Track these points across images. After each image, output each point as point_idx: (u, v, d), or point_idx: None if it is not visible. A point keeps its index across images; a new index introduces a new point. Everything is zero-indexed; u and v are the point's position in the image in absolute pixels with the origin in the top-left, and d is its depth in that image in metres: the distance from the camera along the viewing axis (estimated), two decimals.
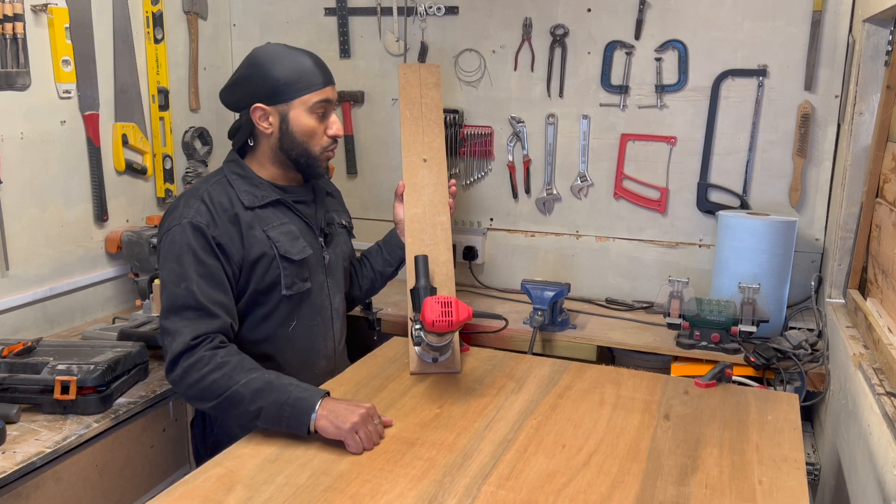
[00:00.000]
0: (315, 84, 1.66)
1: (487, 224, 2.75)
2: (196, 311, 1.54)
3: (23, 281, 2.12)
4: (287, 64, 1.65)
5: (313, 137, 1.69)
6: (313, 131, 1.68)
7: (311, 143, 1.69)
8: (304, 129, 1.67)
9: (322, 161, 1.73)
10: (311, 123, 1.67)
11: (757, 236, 2.15)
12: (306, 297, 1.74)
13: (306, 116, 1.66)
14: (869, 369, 1.56)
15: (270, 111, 1.66)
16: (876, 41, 1.95)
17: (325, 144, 1.71)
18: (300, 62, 1.65)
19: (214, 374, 1.48)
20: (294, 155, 1.70)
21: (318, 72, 1.67)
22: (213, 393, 1.48)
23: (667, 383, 1.71)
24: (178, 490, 1.24)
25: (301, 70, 1.65)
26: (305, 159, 1.71)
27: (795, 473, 1.31)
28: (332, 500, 1.21)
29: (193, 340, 1.51)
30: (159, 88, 2.54)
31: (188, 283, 1.54)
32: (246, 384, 1.47)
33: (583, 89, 2.54)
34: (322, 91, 1.67)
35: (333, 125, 1.71)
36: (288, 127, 1.67)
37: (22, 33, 2.02)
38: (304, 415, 1.42)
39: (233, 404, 1.47)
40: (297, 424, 1.42)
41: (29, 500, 1.51)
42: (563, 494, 1.23)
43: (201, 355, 1.50)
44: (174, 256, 1.58)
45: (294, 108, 1.65)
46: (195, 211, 1.60)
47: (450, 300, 1.55)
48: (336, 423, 1.40)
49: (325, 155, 1.72)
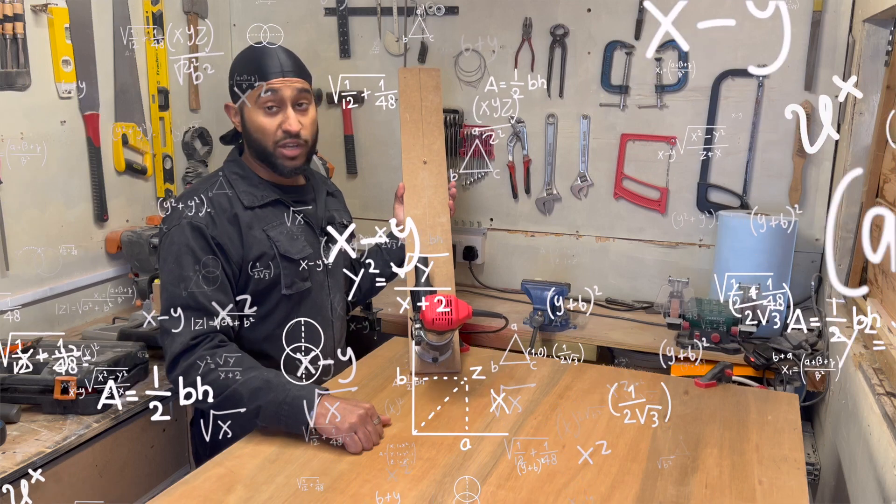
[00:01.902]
0: (262, 77, 1.63)
1: (487, 224, 2.75)
2: (195, 311, 1.54)
3: (23, 281, 2.12)
4: (246, 60, 1.66)
5: (264, 133, 1.66)
6: (262, 126, 1.65)
7: (264, 139, 1.66)
8: (255, 125, 1.66)
9: (279, 157, 1.67)
10: (258, 119, 1.65)
11: (757, 236, 2.15)
12: (306, 297, 1.74)
13: (254, 112, 1.65)
14: (869, 369, 1.56)
15: (234, 108, 1.70)
16: (876, 41, 1.95)
17: (277, 139, 1.66)
18: (254, 58, 1.65)
19: (213, 373, 1.48)
20: (254, 151, 1.70)
21: (270, 64, 1.64)
22: (214, 391, 1.48)
23: (667, 383, 1.71)
24: (178, 490, 1.24)
25: (252, 67, 1.64)
26: (264, 156, 1.69)
27: (795, 473, 1.31)
28: (332, 500, 1.21)
29: (193, 340, 1.51)
30: (159, 88, 2.54)
31: (187, 284, 1.55)
32: (244, 383, 1.47)
33: (583, 89, 2.54)
34: (269, 83, 1.62)
35: (287, 120, 1.65)
36: (245, 124, 1.69)
37: (22, 33, 2.02)
38: (302, 414, 1.42)
39: (232, 403, 1.47)
40: (295, 423, 1.42)
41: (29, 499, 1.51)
42: (563, 494, 1.23)
43: (200, 355, 1.50)
44: (173, 257, 1.58)
45: (246, 103, 1.66)
46: (195, 211, 1.61)
47: (450, 299, 1.55)
48: (335, 423, 1.40)
49: (279, 151, 1.67)
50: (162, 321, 1.56)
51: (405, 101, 2.10)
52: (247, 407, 1.45)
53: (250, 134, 1.68)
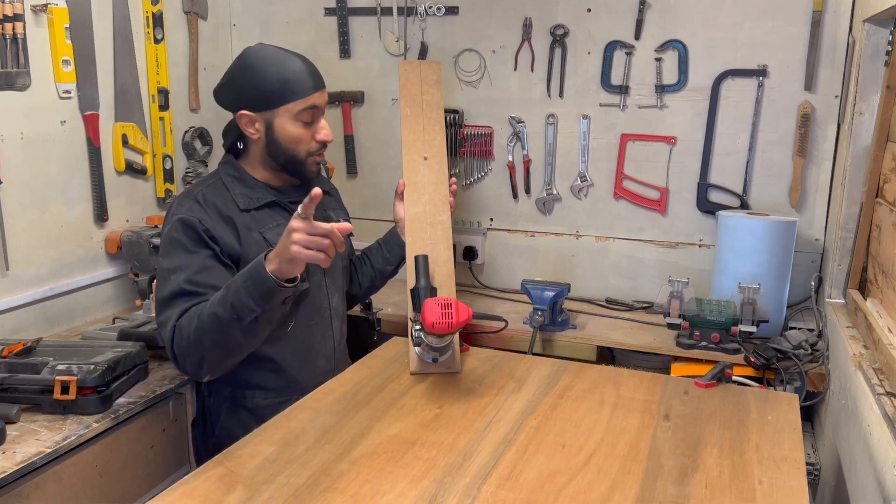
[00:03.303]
0: (300, 92, 1.63)
1: (487, 224, 2.75)
2: (182, 297, 1.56)
3: (23, 281, 2.12)
4: (273, 71, 1.63)
5: (299, 143, 1.68)
6: (299, 138, 1.67)
7: (298, 149, 1.68)
8: (289, 136, 1.66)
9: (309, 165, 1.72)
10: (296, 131, 1.66)
11: (757, 236, 2.15)
12: (304, 297, 1.74)
13: (291, 124, 1.65)
14: (869, 369, 1.56)
15: (256, 118, 1.66)
16: (876, 41, 1.95)
17: (312, 149, 1.70)
18: (287, 69, 1.63)
19: (191, 324, 1.51)
20: (281, 160, 1.70)
21: (305, 79, 1.64)
22: (202, 339, 1.51)
23: (667, 383, 1.71)
24: (178, 490, 1.24)
25: (287, 78, 1.62)
26: (293, 164, 1.70)
27: (795, 473, 1.31)
28: (332, 500, 1.21)
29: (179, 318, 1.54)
30: (159, 88, 2.54)
31: (176, 275, 1.57)
32: (211, 305, 1.50)
33: (583, 89, 2.54)
34: (307, 99, 1.65)
35: (322, 131, 1.69)
36: (273, 134, 1.66)
37: (22, 33, 2.02)
38: (262, 272, 1.44)
39: (217, 328, 1.49)
40: (264, 287, 1.45)
41: (29, 500, 1.51)
42: (563, 494, 1.23)
43: (179, 325, 1.53)
44: (164, 252, 1.62)
45: (279, 115, 1.64)
46: (187, 209, 1.62)
47: (450, 302, 1.55)
48: (284, 257, 1.42)
49: (311, 159, 1.71)
50: (157, 316, 1.59)
51: (405, 95, 2.08)
52: (225, 316, 1.47)
53: (280, 144, 1.66)
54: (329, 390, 1.63)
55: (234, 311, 1.47)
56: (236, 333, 1.50)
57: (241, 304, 1.47)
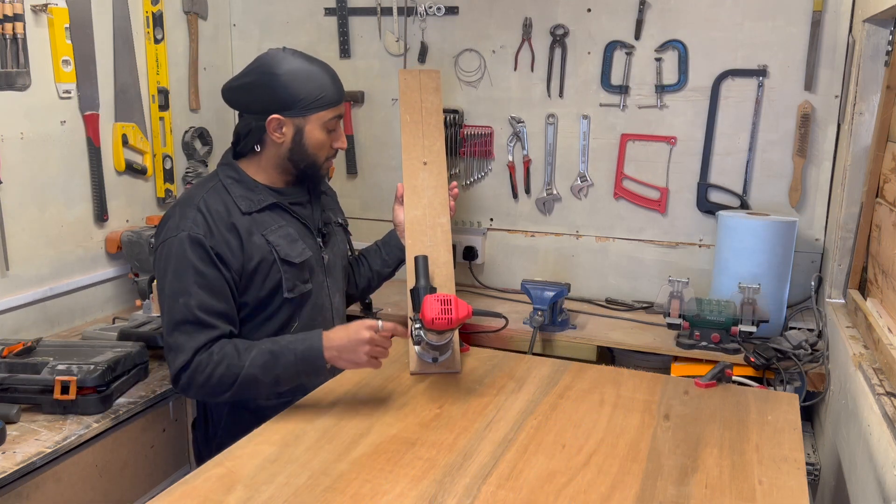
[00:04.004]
0: (333, 101, 1.70)
1: (487, 224, 2.75)
2: (194, 325, 1.56)
3: (23, 281, 2.12)
4: (308, 79, 1.67)
5: (322, 150, 1.73)
6: (323, 144, 1.72)
7: (319, 155, 1.74)
8: (316, 142, 1.71)
9: (324, 170, 1.79)
10: (322, 137, 1.71)
11: (757, 236, 2.15)
12: (307, 299, 1.74)
13: (319, 131, 1.70)
14: (869, 369, 1.56)
15: (286, 122, 1.67)
16: (876, 41, 1.95)
17: (329, 155, 1.76)
18: (321, 78, 1.68)
19: (218, 369, 1.54)
20: (302, 165, 1.73)
21: (336, 89, 1.71)
22: (224, 385, 1.55)
23: (667, 383, 1.71)
24: (178, 490, 1.24)
25: (321, 86, 1.68)
26: (312, 170, 1.75)
27: (795, 473, 1.31)
28: (332, 500, 1.21)
29: (194, 354, 1.56)
30: (159, 88, 2.54)
31: (186, 298, 1.57)
32: (251, 364, 1.55)
33: (583, 89, 2.54)
34: (338, 108, 1.72)
35: (340, 138, 1.76)
36: (302, 139, 1.69)
37: (22, 33, 2.02)
38: (319, 360, 1.54)
39: (249, 386, 1.55)
40: (315, 372, 1.56)
41: (29, 500, 1.51)
42: (563, 494, 1.23)
43: (198, 360, 1.55)
44: (173, 270, 1.59)
45: (310, 122, 1.68)
46: (192, 222, 1.60)
47: (449, 298, 1.55)
48: (345, 357, 1.54)
49: (326, 164, 1.78)
50: (165, 338, 1.59)
51: (405, 103, 2.10)
52: (265, 381, 1.55)
53: (306, 149, 1.70)
54: (329, 390, 1.63)
55: (276, 380, 1.56)
56: (264, 392, 1.60)
57: (288, 377, 1.57)
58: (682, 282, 2.13)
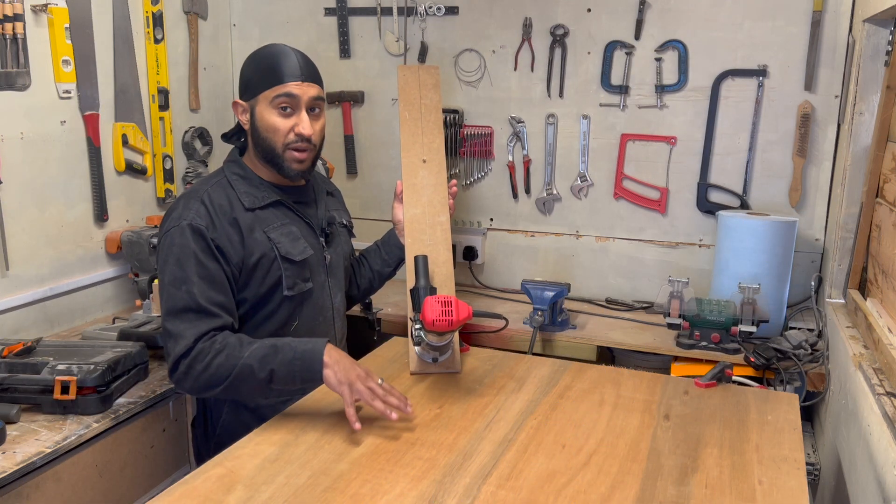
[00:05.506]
0: (278, 79, 1.64)
1: (487, 224, 2.75)
2: (196, 313, 1.55)
3: (23, 281, 2.12)
4: (259, 59, 1.68)
5: (276, 133, 1.66)
6: (275, 127, 1.65)
7: (275, 139, 1.66)
8: (266, 124, 1.66)
9: (287, 159, 1.68)
10: (272, 119, 1.65)
11: (757, 236, 2.15)
12: (308, 298, 1.74)
13: (269, 111, 1.65)
14: (869, 369, 1.56)
15: (244, 106, 1.70)
16: (876, 41, 1.95)
17: (289, 141, 1.66)
18: (272, 58, 1.66)
19: (217, 358, 1.52)
20: (261, 151, 1.69)
21: (286, 67, 1.65)
22: (222, 375, 1.51)
23: (667, 383, 1.71)
24: (178, 490, 1.24)
25: (268, 65, 1.65)
26: (271, 156, 1.68)
27: (795, 473, 1.31)
28: (332, 500, 1.21)
29: (194, 342, 1.53)
30: (159, 88, 2.54)
31: (189, 286, 1.55)
32: (251, 355, 1.51)
33: (583, 89, 2.54)
34: (284, 86, 1.64)
35: (301, 122, 1.66)
36: (255, 122, 1.68)
37: (22, 33, 2.02)
38: (316, 363, 1.49)
39: (243, 378, 1.51)
40: (310, 374, 1.49)
41: (29, 500, 1.51)
42: (563, 494, 1.23)
43: (200, 348, 1.53)
44: (174, 259, 1.58)
45: (259, 102, 1.66)
46: (195, 213, 1.60)
47: (450, 299, 1.55)
48: (337, 375, 1.47)
49: (289, 153, 1.67)
50: (164, 324, 1.57)
51: (404, 99, 2.09)
52: (260, 375, 1.50)
53: (260, 133, 1.67)
54: (329, 390, 1.62)
55: (270, 376, 1.51)
56: (257, 388, 1.54)
57: (283, 375, 1.51)
58: (682, 282, 2.13)
